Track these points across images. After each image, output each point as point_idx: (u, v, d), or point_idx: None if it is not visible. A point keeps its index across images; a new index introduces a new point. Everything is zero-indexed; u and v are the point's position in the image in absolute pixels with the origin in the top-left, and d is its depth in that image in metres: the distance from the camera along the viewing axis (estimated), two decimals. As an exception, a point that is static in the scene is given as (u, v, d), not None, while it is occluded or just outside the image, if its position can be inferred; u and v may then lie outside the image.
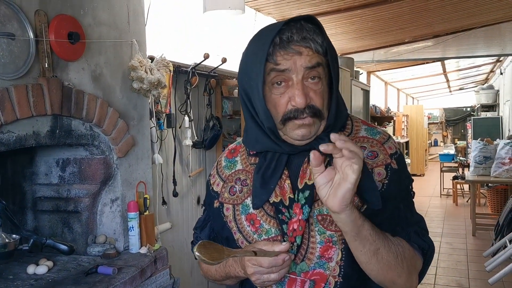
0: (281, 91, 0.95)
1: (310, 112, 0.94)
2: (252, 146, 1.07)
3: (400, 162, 1.03)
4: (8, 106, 1.63)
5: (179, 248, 3.16)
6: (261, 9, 4.61)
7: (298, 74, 0.93)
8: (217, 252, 0.89)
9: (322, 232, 0.98)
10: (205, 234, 1.19)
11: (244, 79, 1.00)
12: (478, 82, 13.83)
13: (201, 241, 0.89)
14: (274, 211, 1.01)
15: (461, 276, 4.41)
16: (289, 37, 0.92)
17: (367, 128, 1.08)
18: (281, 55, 0.93)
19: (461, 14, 5.75)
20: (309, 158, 0.97)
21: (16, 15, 1.68)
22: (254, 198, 1.03)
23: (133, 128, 2.34)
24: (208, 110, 3.54)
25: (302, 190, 0.99)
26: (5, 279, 1.83)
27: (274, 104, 0.96)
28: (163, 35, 3.10)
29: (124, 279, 1.90)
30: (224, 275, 1.09)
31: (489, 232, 5.72)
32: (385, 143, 1.04)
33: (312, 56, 0.93)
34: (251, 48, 0.99)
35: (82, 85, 2.01)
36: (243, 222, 1.05)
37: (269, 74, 0.94)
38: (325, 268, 0.98)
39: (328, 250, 0.98)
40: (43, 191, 2.22)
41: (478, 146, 6.07)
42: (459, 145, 11.99)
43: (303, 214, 0.97)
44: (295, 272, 0.99)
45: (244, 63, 1.01)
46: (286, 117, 0.95)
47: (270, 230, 1.01)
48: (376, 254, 0.92)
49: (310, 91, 0.94)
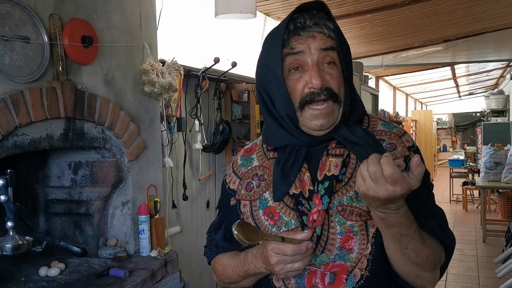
0: (297, 76, 0.98)
1: (327, 94, 0.96)
2: (271, 142, 1.08)
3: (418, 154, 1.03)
4: (23, 109, 1.65)
5: (189, 252, 3.17)
6: (270, 14, 4.62)
7: (313, 57, 0.96)
8: (252, 233, 0.90)
9: (343, 222, 0.97)
10: (220, 235, 1.18)
11: (262, 74, 1.03)
12: (488, 87, 13.75)
13: (239, 220, 0.90)
14: (294, 203, 1.01)
15: (472, 283, 4.37)
16: (303, 22, 0.97)
17: (384, 122, 1.10)
18: (295, 40, 0.97)
19: (471, 18, 5.73)
20: (328, 152, 1.00)
21: (31, 19, 1.70)
22: (274, 190, 1.03)
23: (144, 131, 2.35)
24: (218, 114, 3.54)
25: (322, 182, 0.99)
26: (17, 281, 1.84)
27: (291, 90, 0.98)
28: (174, 39, 3.11)
29: (135, 282, 1.91)
30: (242, 274, 1.07)
31: (499, 239, 5.65)
32: (402, 136, 1.06)
33: (325, 40, 0.97)
34: (268, 40, 1.03)
35: (95, 89, 2.02)
36: (260, 217, 1.05)
37: (285, 59, 0.97)
38: (346, 259, 0.96)
39: (349, 240, 0.97)
40: (55, 193, 2.23)
41: (489, 152, 6.02)
42: (469, 150, 11.91)
43: (323, 204, 0.97)
44: (315, 265, 0.98)
45: (261, 59, 1.04)
46: (303, 101, 0.97)
47: (290, 221, 1.01)
48: (410, 250, 0.92)
49: (326, 74, 0.97)
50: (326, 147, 1.02)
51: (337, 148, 1.01)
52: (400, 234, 0.89)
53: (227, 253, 1.16)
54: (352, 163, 1.01)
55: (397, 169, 0.79)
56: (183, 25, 3.33)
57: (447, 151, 16.53)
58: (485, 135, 8.78)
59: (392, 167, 0.78)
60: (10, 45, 1.61)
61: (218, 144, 3.41)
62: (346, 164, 1.01)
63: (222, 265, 1.15)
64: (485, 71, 10.72)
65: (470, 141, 15.65)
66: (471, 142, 15.23)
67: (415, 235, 0.91)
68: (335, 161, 1.00)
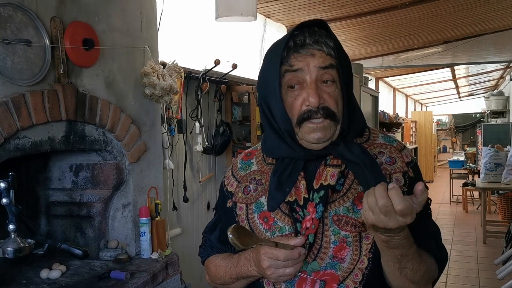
0: (296, 93, 0.99)
1: (324, 113, 0.97)
2: (270, 153, 1.09)
3: (416, 171, 1.05)
4: (24, 111, 1.65)
5: (189, 254, 3.17)
6: (271, 16, 4.63)
7: (311, 75, 0.97)
8: (247, 237, 0.91)
9: (337, 232, 0.99)
10: (215, 236, 1.19)
11: (263, 85, 1.04)
12: (488, 88, 13.75)
13: (234, 225, 0.92)
14: (288, 209, 1.03)
15: (472, 284, 4.37)
16: (302, 40, 0.97)
17: (384, 136, 1.11)
18: (295, 57, 0.98)
19: (471, 20, 5.74)
20: (326, 162, 1.01)
21: (32, 22, 1.71)
22: (269, 201, 1.04)
23: (145, 133, 2.36)
24: (218, 116, 3.55)
25: (317, 190, 1.00)
26: (19, 284, 1.84)
27: (289, 106, 1.00)
28: (175, 41, 3.12)
29: (136, 284, 1.91)
30: (235, 276, 1.08)
31: (499, 240, 5.65)
32: (402, 150, 1.07)
33: (325, 58, 0.97)
34: (268, 56, 1.03)
35: (96, 91, 2.03)
36: (255, 220, 1.06)
37: (284, 76, 0.99)
38: (337, 268, 0.98)
39: (342, 250, 0.98)
40: (57, 196, 2.23)
41: (489, 153, 6.02)
42: (469, 151, 11.90)
43: (317, 212, 0.99)
44: (306, 272, 1.00)
45: (262, 70, 1.05)
46: (301, 118, 0.98)
47: (284, 227, 1.02)
48: (408, 269, 0.94)
49: (323, 93, 0.98)
50: (323, 159, 1.03)
51: (335, 159, 1.02)
52: (401, 255, 0.91)
53: (221, 254, 1.17)
54: (352, 175, 1.01)
55: (407, 202, 0.80)
56: (184, 27, 3.34)
57: (447, 152, 16.52)
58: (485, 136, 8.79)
59: (403, 201, 0.79)
60: (12, 48, 1.62)
61: (219, 146, 3.42)
62: (344, 175, 1.02)
63: (215, 266, 1.16)
64: (485, 72, 10.73)
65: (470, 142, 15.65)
66: (471, 143, 15.23)
67: (414, 255, 0.93)
68: (332, 171, 1.00)
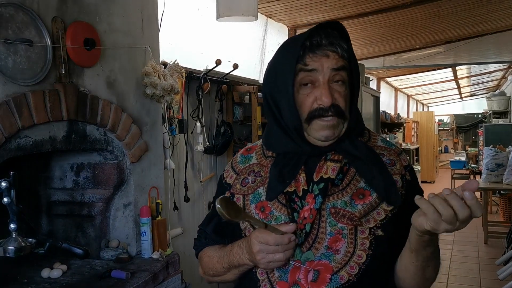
0: (307, 91, 1.02)
1: (335, 111, 1.00)
2: (273, 148, 1.11)
3: (412, 174, 1.10)
4: (26, 111, 1.66)
5: (190, 253, 3.14)
6: (272, 16, 4.63)
7: (325, 75, 1.00)
8: (235, 211, 0.92)
9: (333, 224, 1.01)
10: (211, 228, 1.20)
11: (271, 82, 1.06)
12: (489, 89, 13.72)
13: (223, 196, 0.94)
14: (286, 199, 1.05)
15: (473, 285, 4.37)
16: (318, 41, 1.01)
17: (383, 139, 1.16)
18: (310, 57, 1.00)
19: (473, 20, 5.73)
20: (326, 157, 1.04)
21: (33, 21, 1.71)
22: (269, 190, 1.06)
23: (146, 133, 2.36)
24: (220, 116, 3.55)
25: (317, 183, 1.03)
26: (20, 283, 1.85)
27: (300, 103, 1.03)
28: (176, 41, 3.12)
29: (137, 283, 1.91)
30: (227, 265, 1.09)
31: (501, 240, 5.64)
32: (400, 154, 1.12)
33: (338, 60, 1.01)
34: (281, 54, 1.06)
35: (97, 91, 2.03)
36: (252, 211, 1.08)
37: (297, 74, 1.01)
38: (331, 259, 0.99)
39: (337, 242, 1.00)
40: (58, 195, 2.24)
41: (491, 153, 6.01)
42: (471, 152, 11.89)
43: (315, 203, 1.01)
44: (300, 261, 1.01)
45: (272, 68, 1.07)
46: (311, 115, 1.01)
47: (280, 217, 1.04)
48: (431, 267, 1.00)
49: (335, 92, 1.01)
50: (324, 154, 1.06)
51: (335, 155, 1.05)
52: (431, 253, 0.96)
53: (215, 246, 1.18)
54: (352, 171, 1.05)
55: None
56: (185, 27, 3.34)
57: (449, 152, 16.50)
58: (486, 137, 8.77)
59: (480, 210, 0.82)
60: (13, 48, 1.62)
61: (220, 146, 3.42)
62: (344, 171, 1.05)
63: (209, 256, 1.17)
64: (486, 73, 10.70)
65: (471, 143, 15.62)
66: (472, 143, 15.20)
67: (438, 254, 1.00)
68: (332, 165, 1.04)
